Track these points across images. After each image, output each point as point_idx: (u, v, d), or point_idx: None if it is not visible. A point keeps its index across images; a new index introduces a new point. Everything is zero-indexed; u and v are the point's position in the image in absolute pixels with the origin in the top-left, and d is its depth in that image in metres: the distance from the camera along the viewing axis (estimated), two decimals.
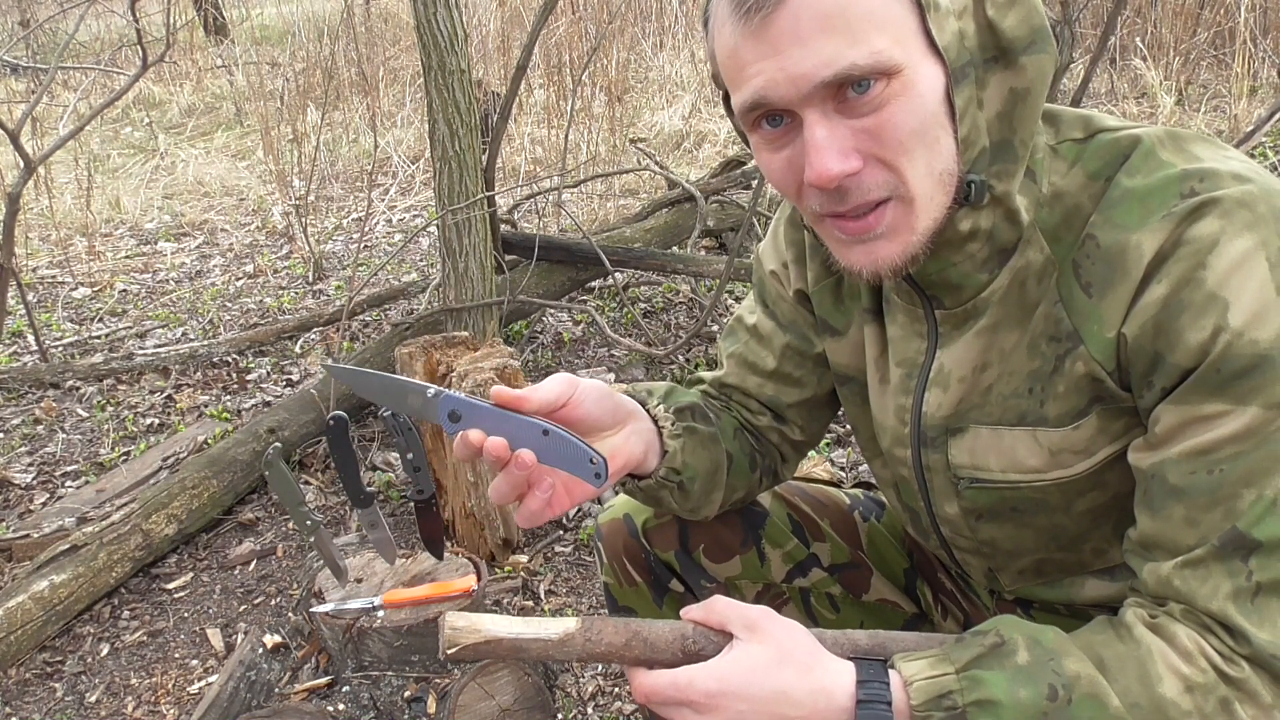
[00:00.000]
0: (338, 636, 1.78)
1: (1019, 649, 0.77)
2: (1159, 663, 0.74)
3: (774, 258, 1.09)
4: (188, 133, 6.82)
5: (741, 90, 0.78)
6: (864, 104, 0.74)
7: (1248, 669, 0.73)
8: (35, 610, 2.02)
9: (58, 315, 3.96)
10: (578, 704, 1.82)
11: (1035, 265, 0.84)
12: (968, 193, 0.79)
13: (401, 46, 7.03)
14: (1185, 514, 0.76)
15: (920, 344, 0.93)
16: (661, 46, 7.12)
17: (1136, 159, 0.80)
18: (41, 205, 5.10)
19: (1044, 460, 0.87)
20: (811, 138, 0.75)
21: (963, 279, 0.86)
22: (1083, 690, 0.74)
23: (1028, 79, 0.77)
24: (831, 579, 1.19)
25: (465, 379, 2.12)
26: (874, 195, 0.77)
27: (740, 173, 3.96)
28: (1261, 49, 5.14)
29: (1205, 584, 0.75)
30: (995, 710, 0.74)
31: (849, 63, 0.72)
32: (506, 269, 3.19)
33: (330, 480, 2.61)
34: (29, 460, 2.82)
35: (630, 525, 1.16)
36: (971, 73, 0.76)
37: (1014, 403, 0.88)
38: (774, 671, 0.78)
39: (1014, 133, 0.79)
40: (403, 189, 5.42)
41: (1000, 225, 0.83)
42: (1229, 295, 0.73)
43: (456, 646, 0.82)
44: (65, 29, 6.83)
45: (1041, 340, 0.85)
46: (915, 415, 0.95)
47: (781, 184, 0.83)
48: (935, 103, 0.75)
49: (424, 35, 2.53)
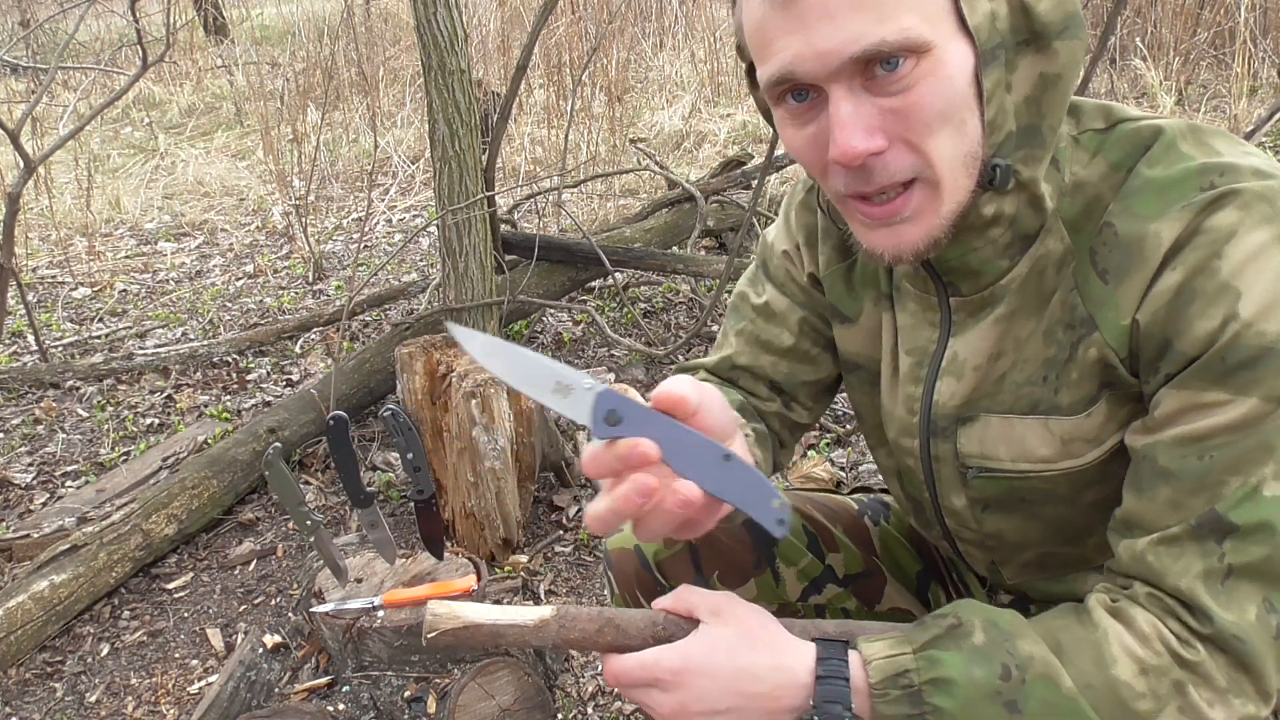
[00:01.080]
0: (338, 636, 1.78)
1: (975, 630, 0.79)
2: (1114, 645, 0.76)
3: (786, 239, 1.07)
4: (188, 133, 6.82)
5: (768, 64, 0.76)
6: (892, 82, 0.73)
7: (1203, 652, 0.74)
8: (35, 610, 2.02)
9: (58, 315, 3.96)
10: (578, 704, 1.82)
11: (1055, 254, 0.84)
12: (992, 177, 0.78)
13: (401, 46, 7.03)
14: (1170, 496, 0.76)
15: (931, 332, 0.93)
16: (661, 46, 7.12)
17: (1158, 150, 0.80)
18: (41, 205, 5.10)
19: (1055, 449, 0.87)
20: (837, 114, 0.74)
21: (983, 265, 0.85)
22: (1036, 671, 0.76)
23: (1060, 64, 0.77)
24: (846, 593, 1.18)
25: (465, 379, 2.12)
26: (899, 177, 0.76)
27: (740, 173, 3.96)
28: (1261, 49, 5.14)
29: (1177, 561, 0.76)
30: (949, 688, 0.76)
31: (878, 39, 0.71)
32: (506, 269, 3.19)
33: (330, 480, 2.61)
34: (29, 460, 2.82)
35: (641, 557, 1.13)
36: (1001, 55, 0.75)
37: (1027, 391, 0.87)
38: (737, 650, 0.80)
39: (1042, 118, 0.78)
40: (403, 189, 5.42)
41: (1024, 211, 0.82)
42: (1242, 286, 0.73)
43: (436, 631, 0.85)
44: (65, 29, 6.83)
45: (1057, 328, 0.84)
46: (925, 405, 0.95)
47: (806, 161, 0.81)
48: (964, 84, 0.74)
49: (424, 35, 2.53)
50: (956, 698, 0.76)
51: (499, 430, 2.11)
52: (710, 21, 7.18)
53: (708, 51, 6.79)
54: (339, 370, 2.79)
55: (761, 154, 3.83)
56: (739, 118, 5.96)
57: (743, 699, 0.80)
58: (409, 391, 2.21)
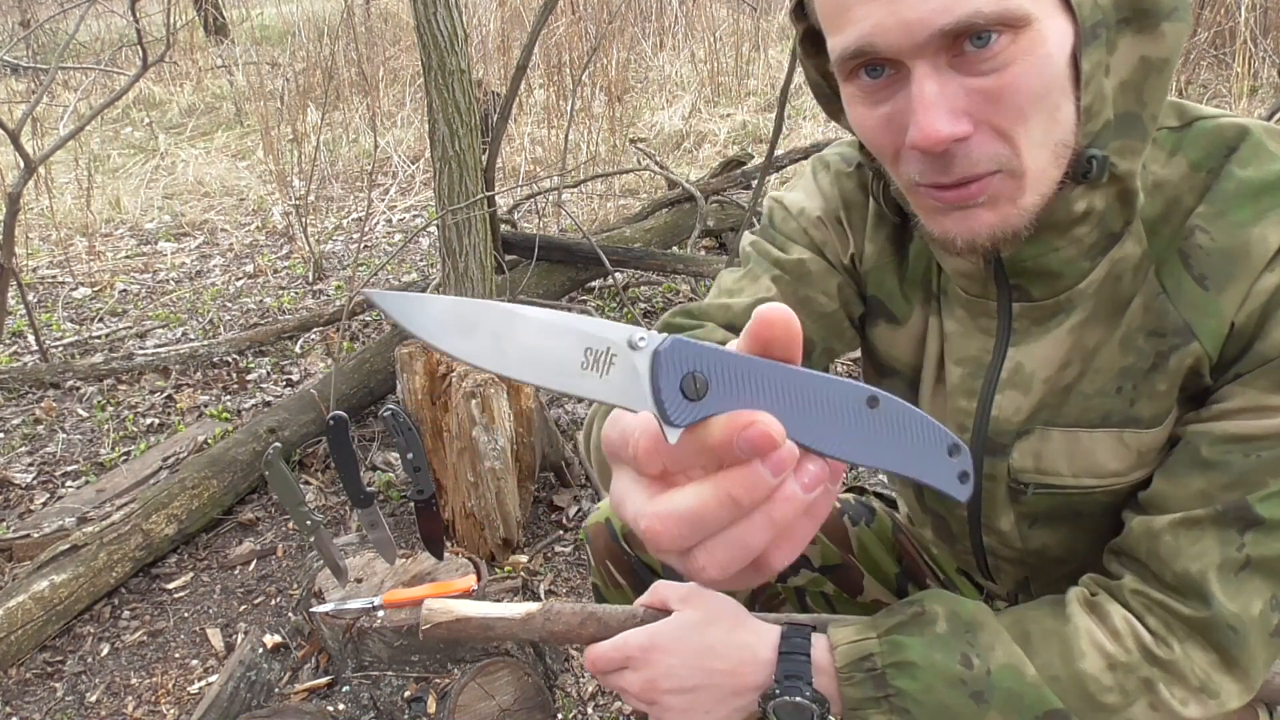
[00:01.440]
0: (338, 636, 1.78)
1: (939, 619, 0.79)
2: (1083, 639, 0.76)
3: (820, 206, 0.95)
4: (188, 133, 6.82)
5: (843, 33, 0.68)
6: (983, 60, 0.66)
7: (1179, 650, 0.74)
8: (35, 610, 2.02)
9: (58, 315, 3.96)
10: (578, 704, 1.82)
11: (1133, 257, 0.78)
12: (1086, 169, 0.71)
13: (401, 46, 7.02)
14: (1203, 487, 0.75)
15: (985, 341, 0.86)
16: (661, 46, 7.12)
17: (1246, 151, 0.75)
18: (42, 205, 5.10)
19: (1128, 462, 0.82)
20: (920, 94, 0.67)
21: (1063, 266, 0.78)
22: (999, 660, 0.77)
23: (1166, 48, 0.70)
24: (823, 578, 1.19)
25: (465, 379, 2.12)
26: (981, 168, 0.69)
27: (740, 173, 3.96)
28: (1261, 49, 5.14)
29: (1195, 545, 0.75)
30: (912, 671, 0.77)
31: (972, 9, 0.63)
32: (506, 269, 3.19)
33: (330, 480, 2.61)
34: (29, 460, 2.82)
35: (611, 529, 1.14)
36: (1102, 34, 0.68)
37: (1097, 402, 0.82)
38: (701, 629, 0.83)
39: (1143, 106, 0.72)
40: (403, 189, 5.42)
41: (1113, 207, 0.75)
42: None
43: (430, 624, 0.90)
44: (65, 29, 6.83)
45: (1139, 335, 0.79)
46: (980, 420, 0.87)
47: (877, 144, 0.74)
48: (1062, 64, 0.67)
49: (424, 35, 2.53)
50: (919, 680, 0.77)
51: (499, 430, 2.11)
52: (710, 21, 7.18)
53: (708, 51, 6.79)
54: (339, 370, 2.79)
55: (761, 154, 3.83)
56: (739, 118, 5.96)
57: (707, 675, 0.82)
58: (409, 391, 2.21)
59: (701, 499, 0.42)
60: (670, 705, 0.82)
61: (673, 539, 0.43)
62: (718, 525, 0.42)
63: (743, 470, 0.41)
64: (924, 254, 0.90)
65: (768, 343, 0.43)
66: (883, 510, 1.21)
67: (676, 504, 0.42)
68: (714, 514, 0.42)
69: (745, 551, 0.43)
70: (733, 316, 0.94)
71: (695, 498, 0.42)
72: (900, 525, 1.21)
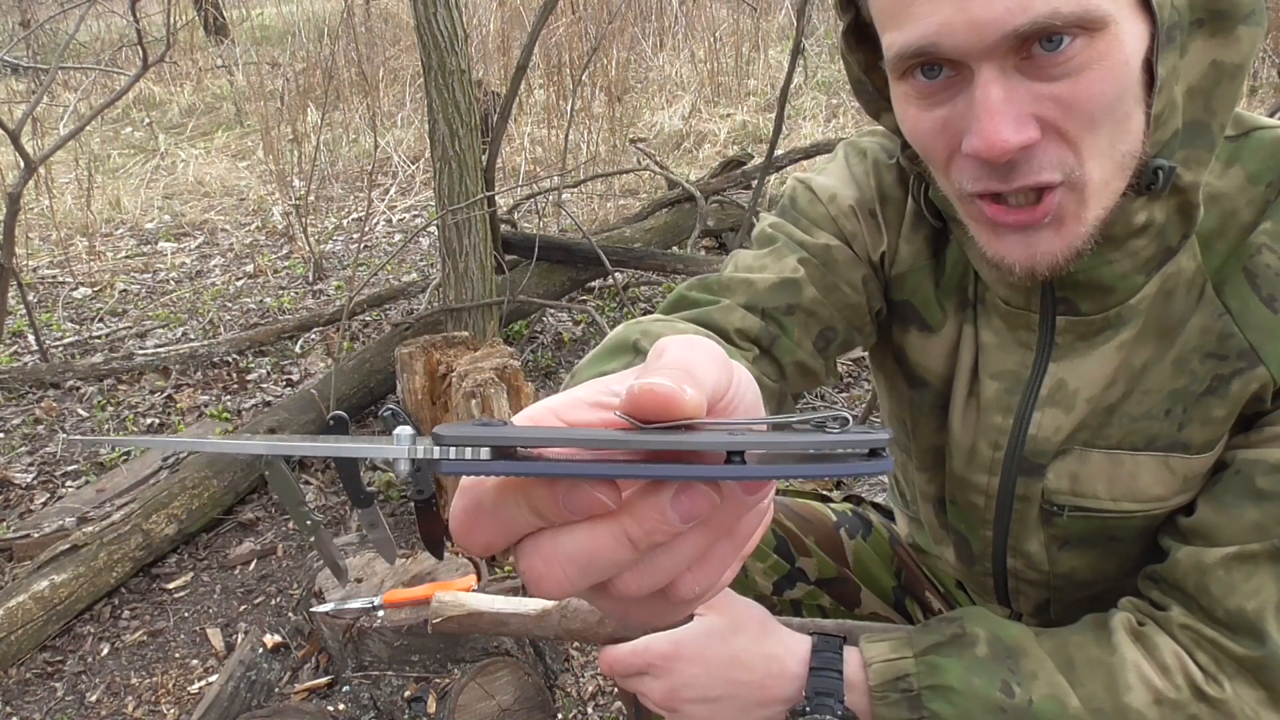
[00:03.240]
0: (338, 636, 1.78)
1: (979, 642, 0.77)
2: (1131, 672, 0.73)
3: (854, 194, 0.87)
4: (188, 133, 6.82)
5: (903, 29, 0.63)
6: (1055, 64, 0.61)
7: (1229, 689, 0.71)
8: (36, 610, 2.02)
9: (58, 315, 3.96)
10: (578, 704, 1.82)
11: (1186, 273, 0.74)
12: (1151, 180, 0.67)
13: (401, 46, 7.02)
14: (1258, 519, 0.71)
15: (1024, 355, 0.81)
16: (661, 46, 7.12)
17: None
18: (42, 205, 5.10)
19: (1172, 488, 0.78)
20: (985, 99, 0.62)
21: (1117, 280, 0.73)
22: (1041, 691, 0.74)
23: (1240, 53, 0.66)
24: (820, 592, 1.16)
25: (465, 379, 2.12)
26: (1044, 176, 0.64)
27: (740, 173, 3.96)
28: (1261, 49, 5.14)
29: (1249, 581, 0.71)
30: (949, 695, 0.75)
31: (1050, 10, 0.58)
32: (506, 269, 3.19)
33: (330, 480, 2.61)
34: (29, 460, 2.82)
35: None
36: (1177, 37, 0.63)
37: (1143, 425, 0.77)
38: (728, 637, 0.79)
39: (1212, 115, 0.67)
40: (403, 189, 5.42)
41: (1172, 220, 0.70)
42: None
43: (440, 618, 0.87)
44: (65, 29, 6.83)
45: (1194, 357, 0.74)
46: (1016, 439, 0.83)
47: (929, 148, 0.69)
48: (1136, 69, 0.62)
49: (424, 35, 2.53)
50: (956, 705, 0.74)
51: None
52: (710, 21, 7.19)
53: (708, 51, 6.79)
54: (339, 370, 2.79)
55: (761, 154, 3.83)
56: (739, 118, 5.96)
57: (733, 687, 0.79)
58: (409, 391, 2.21)
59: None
60: (692, 715, 0.80)
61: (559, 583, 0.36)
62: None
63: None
64: (961, 259, 0.85)
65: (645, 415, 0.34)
66: (880, 523, 1.18)
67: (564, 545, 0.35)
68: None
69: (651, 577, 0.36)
70: (755, 294, 0.84)
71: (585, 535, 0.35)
72: (897, 538, 1.17)
